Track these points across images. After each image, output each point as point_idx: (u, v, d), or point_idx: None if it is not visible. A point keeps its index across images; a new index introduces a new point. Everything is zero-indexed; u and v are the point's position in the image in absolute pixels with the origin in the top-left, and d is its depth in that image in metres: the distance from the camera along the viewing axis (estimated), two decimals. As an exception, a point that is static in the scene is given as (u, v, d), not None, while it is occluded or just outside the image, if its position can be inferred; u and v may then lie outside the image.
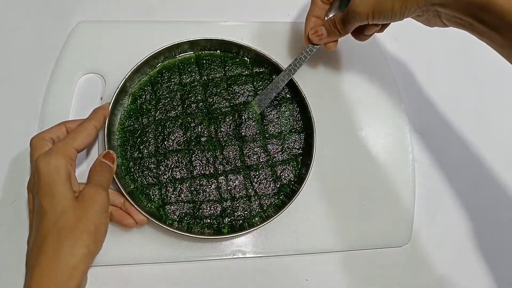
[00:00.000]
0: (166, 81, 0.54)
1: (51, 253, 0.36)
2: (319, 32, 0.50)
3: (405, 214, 0.54)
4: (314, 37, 0.51)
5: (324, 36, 0.50)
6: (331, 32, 0.50)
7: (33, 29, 0.57)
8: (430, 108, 0.62)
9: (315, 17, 0.52)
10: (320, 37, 0.51)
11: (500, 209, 0.58)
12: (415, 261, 0.53)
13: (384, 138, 0.57)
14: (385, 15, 0.43)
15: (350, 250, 0.52)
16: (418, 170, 0.57)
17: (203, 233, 0.48)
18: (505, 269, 0.55)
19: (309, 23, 0.52)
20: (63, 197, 0.37)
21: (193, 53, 0.56)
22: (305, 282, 0.50)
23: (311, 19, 0.52)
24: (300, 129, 0.54)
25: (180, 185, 0.49)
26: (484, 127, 0.62)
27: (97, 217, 0.38)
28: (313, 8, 0.51)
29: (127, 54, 0.53)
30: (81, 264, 0.36)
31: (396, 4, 0.41)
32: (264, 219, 0.48)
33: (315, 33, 0.51)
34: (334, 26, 0.49)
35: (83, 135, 0.43)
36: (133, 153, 0.50)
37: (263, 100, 0.53)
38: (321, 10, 0.51)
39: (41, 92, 0.53)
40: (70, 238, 0.36)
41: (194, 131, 0.52)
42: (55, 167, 0.38)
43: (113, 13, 0.60)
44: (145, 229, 0.48)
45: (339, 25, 0.48)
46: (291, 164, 0.52)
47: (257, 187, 0.51)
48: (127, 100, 0.52)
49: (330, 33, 0.50)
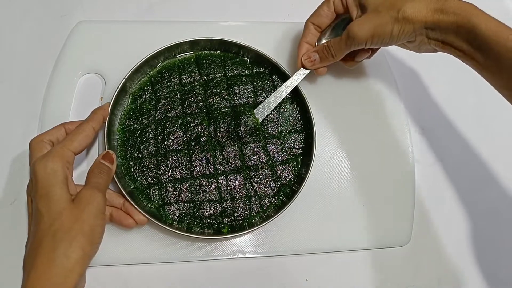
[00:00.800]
0: (166, 81, 0.54)
1: (46, 255, 0.36)
2: (312, 58, 0.52)
3: (405, 214, 0.54)
4: (307, 62, 0.52)
5: (317, 62, 0.52)
6: (324, 58, 0.52)
7: (33, 29, 0.57)
8: (430, 108, 0.62)
9: (307, 43, 0.53)
10: (313, 62, 0.52)
11: (500, 209, 0.58)
12: (415, 261, 0.53)
13: (384, 138, 0.57)
14: (383, 39, 0.45)
15: (350, 250, 0.52)
16: (418, 170, 0.57)
17: (203, 233, 0.48)
18: (505, 269, 0.55)
19: (302, 49, 0.53)
20: (59, 200, 0.37)
21: (193, 53, 0.56)
22: (305, 282, 0.50)
23: (303, 45, 0.53)
24: (300, 129, 0.54)
25: (180, 185, 0.49)
26: (484, 127, 0.62)
27: (92, 219, 0.38)
28: (306, 34, 0.53)
29: (127, 54, 0.53)
30: (76, 266, 0.36)
31: (395, 28, 0.44)
32: (264, 219, 0.48)
33: (308, 58, 0.52)
34: (327, 52, 0.51)
35: (80, 137, 0.43)
36: (133, 153, 0.50)
37: (262, 112, 0.53)
38: (312, 37, 0.53)
39: (41, 92, 0.53)
40: (65, 241, 0.36)
41: (194, 131, 0.52)
42: (52, 170, 0.38)
43: (113, 13, 0.60)
44: (145, 229, 0.48)
45: (333, 51, 0.50)
46: (291, 164, 0.52)
47: (257, 187, 0.51)
48: (127, 100, 0.52)
49: (323, 58, 0.52)
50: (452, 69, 0.65)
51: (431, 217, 0.56)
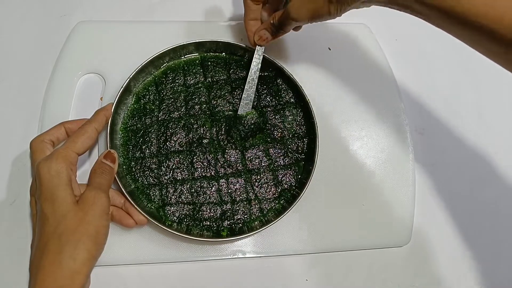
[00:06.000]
0: (170, 81, 0.54)
1: (52, 258, 0.36)
2: (264, 36, 0.52)
3: (405, 214, 0.54)
4: (260, 41, 0.52)
5: (269, 39, 0.52)
6: (274, 34, 0.51)
7: (33, 29, 0.57)
8: (430, 108, 0.62)
9: (252, 20, 0.53)
10: (266, 40, 0.52)
11: (500, 209, 0.58)
12: (415, 261, 0.54)
13: (384, 138, 0.57)
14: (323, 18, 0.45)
15: (350, 250, 0.52)
16: (418, 170, 0.57)
17: (202, 235, 0.48)
18: (506, 269, 0.55)
19: (249, 27, 0.53)
20: (64, 202, 0.38)
21: (198, 55, 0.56)
22: (305, 282, 0.50)
23: (249, 23, 0.53)
24: (303, 134, 0.54)
25: (181, 186, 0.49)
26: (484, 127, 0.62)
27: (97, 220, 0.38)
28: (247, 12, 0.53)
29: (127, 54, 0.53)
30: (83, 268, 0.36)
31: (332, 8, 0.43)
32: (263, 224, 0.48)
33: (259, 38, 0.52)
34: (276, 28, 0.50)
35: (83, 138, 0.43)
36: (135, 152, 0.50)
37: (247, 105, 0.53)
38: (255, 12, 0.53)
39: (41, 92, 0.53)
40: (70, 243, 0.36)
41: (196, 132, 0.52)
42: (56, 172, 0.38)
43: (113, 13, 0.60)
44: (145, 229, 0.48)
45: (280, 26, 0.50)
46: (292, 169, 0.52)
47: (257, 191, 0.51)
48: (131, 99, 0.52)
49: (274, 34, 0.51)
50: (452, 69, 0.65)
51: (431, 217, 0.56)
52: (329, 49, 0.60)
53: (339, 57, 0.60)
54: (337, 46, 0.61)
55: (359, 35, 0.62)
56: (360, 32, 0.63)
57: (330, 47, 0.61)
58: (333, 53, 0.60)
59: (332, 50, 0.61)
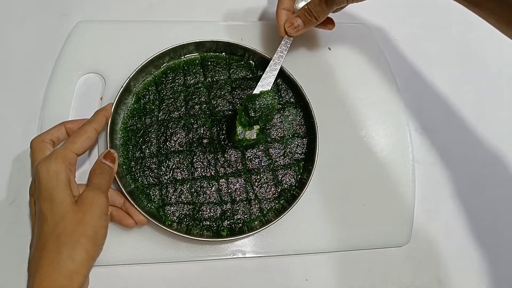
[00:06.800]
0: (170, 81, 0.54)
1: (51, 258, 0.36)
2: (295, 23, 0.50)
3: (405, 214, 0.54)
4: (291, 29, 0.51)
5: (300, 27, 0.51)
6: (307, 22, 0.50)
7: (33, 29, 0.57)
8: (430, 107, 0.62)
9: (285, 10, 0.52)
10: (297, 28, 0.51)
11: (500, 209, 0.58)
12: (415, 261, 0.54)
13: (384, 138, 0.57)
14: None
15: (350, 250, 0.52)
16: (418, 170, 0.57)
17: (202, 235, 0.48)
18: (506, 269, 0.55)
19: (281, 16, 0.52)
20: (62, 202, 0.38)
21: (198, 55, 0.56)
22: (305, 282, 0.50)
23: (282, 12, 0.52)
24: (303, 134, 0.54)
25: (181, 186, 0.49)
26: (484, 127, 0.62)
27: (95, 221, 0.38)
28: (281, 1, 0.52)
29: (127, 54, 0.53)
30: (81, 268, 0.36)
31: None
32: (263, 223, 0.48)
33: (291, 25, 0.51)
34: (310, 15, 0.49)
35: (83, 138, 0.43)
36: (135, 152, 0.50)
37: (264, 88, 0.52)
38: (289, 2, 0.52)
39: (41, 92, 0.53)
40: (69, 243, 0.36)
41: (196, 132, 0.52)
42: (55, 173, 0.38)
43: (113, 13, 0.60)
44: (145, 229, 0.48)
45: (315, 13, 0.49)
46: (292, 168, 0.52)
47: (257, 190, 0.51)
48: (131, 99, 0.52)
49: (307, 22, 0.50)
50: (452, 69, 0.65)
51: (431, 217, 0.56)
52: (329, 49, 0.60)
53: (339, 57, 0.60)
54: (337, 46, 0.61)
55: (359, 35, 0.62)
56: (360, 32, 0.63)
57: (330, 47, 0.61)
58: (333, 53, 0.60)
59: (332, 50, 0.61)
